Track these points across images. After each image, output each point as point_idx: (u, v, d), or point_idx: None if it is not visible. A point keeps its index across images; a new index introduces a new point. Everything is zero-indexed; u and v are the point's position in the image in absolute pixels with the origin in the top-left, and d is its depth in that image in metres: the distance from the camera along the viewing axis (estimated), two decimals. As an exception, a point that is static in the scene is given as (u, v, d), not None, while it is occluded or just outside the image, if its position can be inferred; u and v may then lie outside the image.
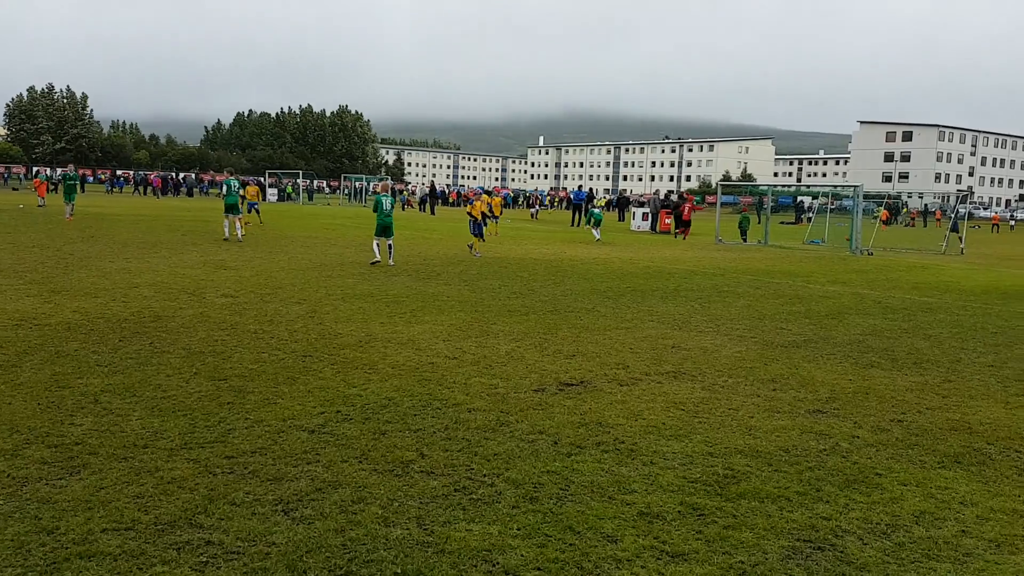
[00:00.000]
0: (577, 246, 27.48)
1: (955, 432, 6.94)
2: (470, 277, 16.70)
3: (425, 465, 5.60)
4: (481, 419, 6.70)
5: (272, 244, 23.05)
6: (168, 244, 21.61)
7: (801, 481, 5.61)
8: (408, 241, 26.43)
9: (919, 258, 29.16)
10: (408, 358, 8.87)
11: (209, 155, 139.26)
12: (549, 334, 10.66)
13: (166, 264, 16.86)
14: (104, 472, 5.24)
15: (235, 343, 9.33)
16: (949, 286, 19.06)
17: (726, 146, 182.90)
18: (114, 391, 7.11)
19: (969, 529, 4.93)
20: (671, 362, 9.24)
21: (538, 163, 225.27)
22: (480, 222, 22.86)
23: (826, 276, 20.47)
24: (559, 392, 7.70)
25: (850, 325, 12.48)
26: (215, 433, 6.11)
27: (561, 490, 5.25)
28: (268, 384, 7.57)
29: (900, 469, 5.96)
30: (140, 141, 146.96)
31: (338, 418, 6.59)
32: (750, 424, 6.92)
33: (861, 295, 16.52)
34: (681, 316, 12.66)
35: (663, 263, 22.18)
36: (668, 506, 5.06)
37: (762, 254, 28.10)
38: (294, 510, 4.78)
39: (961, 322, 13.23)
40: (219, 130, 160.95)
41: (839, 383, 8.57)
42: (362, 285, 14.71)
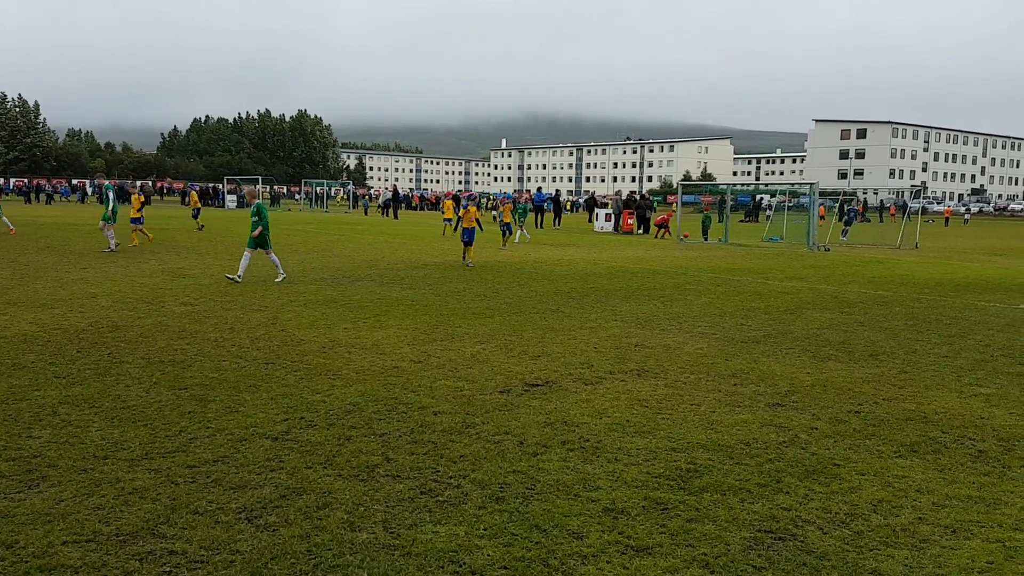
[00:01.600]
0: (541, 248, 27.56)
1: (911, 422, 7.10)
2: (434, 281, 16.68)
3: (391, 469, 5.59)
4: (447, 421, 6.71)
5: (231, 251, 22.79)
6: (126, 253, 21.27)
7: (762, 473, 5.71)
8: (371, 246, 26.32)
9: (875, 253, 29.71)
10: (373, 363, 8.84)
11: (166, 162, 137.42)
12: (514, 335, 10.70)
13: (124, 273, 16.60)
14: (63, 484, 5.16)
15: (195, 351, 9.23)
16: (904, 279, 19.46)
17: (686, 146, 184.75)
18: (72, 402, 7.00)
19: (925, 516, 5.05)
20: (635, 360, 9.33)
21: (501, 166, 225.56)
22: (472, 229, 20.22)
23: (784, 272, 20.78)
24: (524, 393, 7.73)
25: (808, 320, 12.69)
26: (176, 443, 6.05)
27: (527, 489, 5.28)
28: (230, 392, 7.50)
29: (858, 459, 6.08)
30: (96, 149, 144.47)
31: (302, 424, 6.56)
32: (712, 419, 7.02)
33: (818, 290, 16.80)
34: (644, 315, 12.78)
35: (626, 263, 22.35)
36: (632, 501, 5.12)
37: (723, 252, 28.43)
38: (258, 518, 4.75)
39: (916, 314, 13.52)
40: (176, 136, 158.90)
41: (798, 376, 8.72)
42: (325, 291, 14.63)
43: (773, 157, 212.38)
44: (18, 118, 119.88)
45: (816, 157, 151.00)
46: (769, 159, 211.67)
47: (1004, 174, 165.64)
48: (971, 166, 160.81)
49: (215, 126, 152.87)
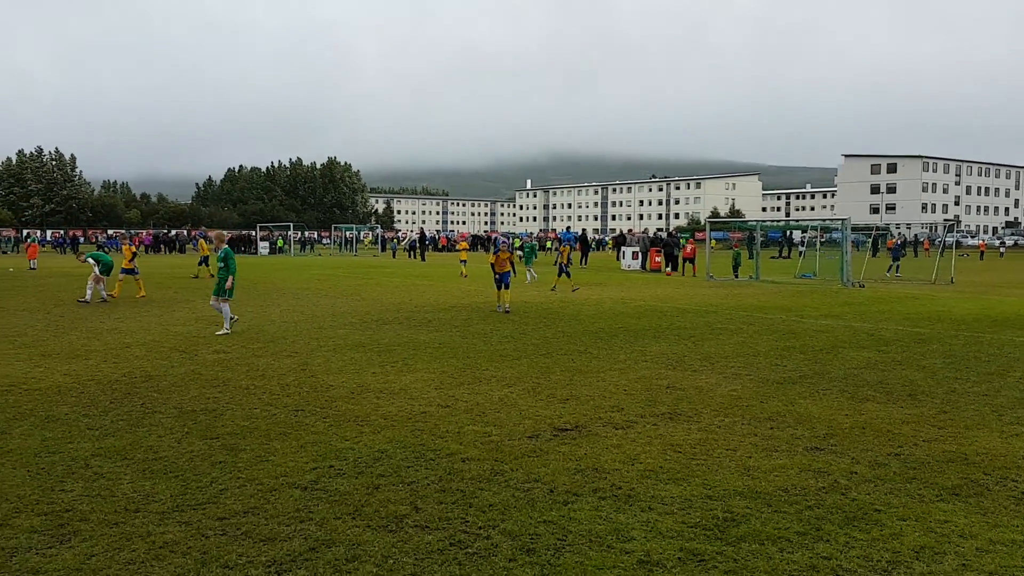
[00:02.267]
0: (569, 287, 27.50)
1: (952, 464, 6.91)
2: (460, 323, 16.68)
3: (419, 519, 5.53)
4: (475, 469, 6.64)
5: (264, 299, 23.02)
6: (159, 302, 21.56)
7: (801, 521, 5.56)
8: (399, 289, 26.45)
9: (910, 288, 29.29)
10: (401, 408, 8.82)
11: (201, 211, 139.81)
12: (542, 378, 10.63)
13: (157, 322, 16.80)
14: (95, 539, 5.16)
15: (227, 400, 9.27)
16: (940, 316, 19.12)
17: (713, 183, 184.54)
18: (105, 454, 7.04)
19: (970, 562, 4.88)
20: (666, 403, 9.21)
21: (527, 206, 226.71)
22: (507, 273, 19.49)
23: (819, 310, 20.52)
24: (554, 438, 7.65)
25: (844, 359, 12.48)
26: (207, 494, 6.04)
27: (558, 540, 5.19)
28: (260, 440, 7.51)
29: (899, 504, 5.91)
30: (131, 200, 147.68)
31: (331, 473, 6.53)
32: (748, 464, 6.87)
33: (854, 328, 16.55)
34: (675, 355, 12.65)
35: (654, 301, 22.21)
36: (668, 553, 5.00)
37: (754, 289, 28.18)
38: (287, 571, 4.71)
39: (954, 352, 13.25)
40: (210, 186, 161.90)
41: (836, 418, 8.54)
42: (354, 335, 14.68)
43: (803, 192, 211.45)
44: (55, 171, 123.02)
45: (847, 192, 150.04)
46: (799, 195, 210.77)
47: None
48: (1004, 199, 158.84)
49: (248, 175, 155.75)
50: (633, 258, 42.15)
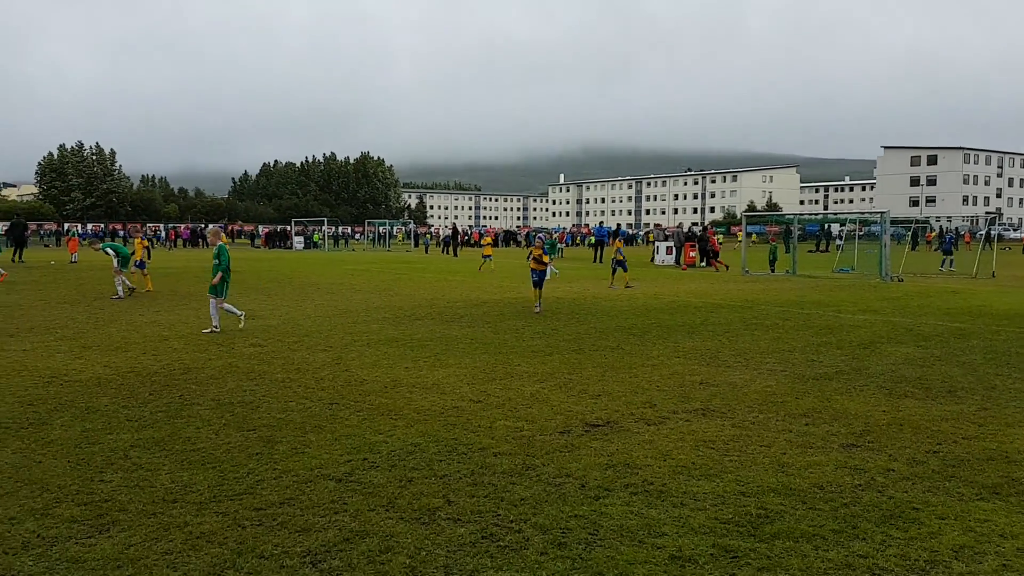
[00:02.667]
0: (601, 283, 27.43)
1: (992, 462, 6.78)
2: (493, 319, 16.71)
3: (452, 512, 5.56)
4: (507, 463, 6.66)
5: (299, 292, 23.26)
6: (197, 296, 21.86)
7: (836, 518, 5.50)
8: (431, 284, 26.56)
9: (950, 283, 28.77)
10: (433, 403, 8.86)
11: (237, 205, 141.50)
12: (574, 374, 10.61)
13: (195, 316, 17.05)
14: (133, 529, 5.26)
15: (263, 392, 9.38)
16: (981, 310, 18.76)
17: (750, 176, 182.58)
18: (144, 446, 7.16)
19: (1010, 563, 4.80)
20: (699, 399, 9.15)
21: (559, 200, 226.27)
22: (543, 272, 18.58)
23: (856, 305, 20.24)
24: (585, 433, 7.64)
25: (882, 355, 12.30)
26: (244, 485, 6.12)
27: (590, 535, 5.18)
28: (296, 433, 7.59)
29: (937, 502, 5.82)
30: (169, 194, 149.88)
31: (365, 466, 6.58)
32: (782, 461, 6.81)
33: (893, 323, 16.30)
34: (708, 351, 12.56)
35: (688, 297, 22.06)
36: (700, 549, 4.98)
37: (790, 284, 27.88)
38: (322, 561, 4.76)
39: (995, 347, 12.99)
40: (246, 181, 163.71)
41: (873, 415, 8.42)
42: (387, 330, 14.77)
43: (841, 185, 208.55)
44: (95, 165, 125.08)
45: (886, 184, 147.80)
46: (837, 187, 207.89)
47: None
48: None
49: (283, 170, 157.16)
50: (667, 253, 41.88)
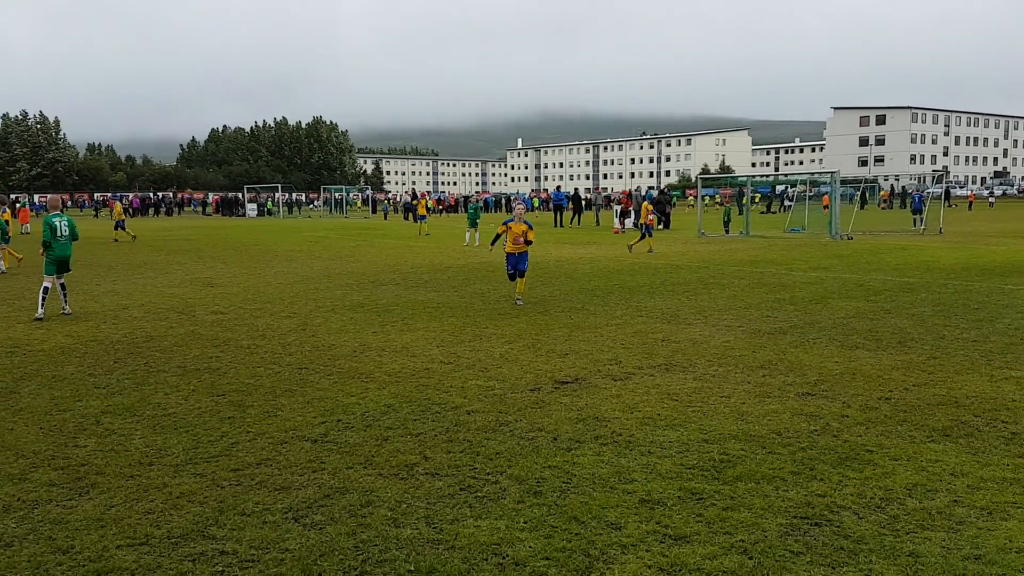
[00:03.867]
0: (562, 247, 27.63)
1: (942, 407, 7.12)
2: (458, 283, 16.81)
3: (429, 467, 5.71)
4: (480, 420, 6.82)
5: (256, 260, 23.07)
6: (153, 265, 21.60)
7: (795, 461, 5.76)
8: (393, 250, 26.51)
9: (898, 239, 29.52)
10: (403, 365, 8.97)
11: (186, 173, 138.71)
12: (541, 334, 10.79)
13: (153, 284, 16.87)
14: (113, 491, 5.32)
15: (229, 359, 9.40)
16: (929, 265, 19.35)
17: (703, 139, 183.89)
18: (114, 412, 7.18)
19: (961, 499, 5.09)
20: (662, 355, 9.39)
21: (518, 165, 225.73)
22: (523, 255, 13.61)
23: (808, 263, 20.72)
24: (555, 390, 7.83)
25: (834, 309, 12.68)
26: (219, 447, 6.20)
27: (564, 483, 5.37)
28: (267, 397, 7.66)
29: (891, 445, 6.12)
30: (116, 163, 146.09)
31: (339, 427, 6.69)
32: (742, 410, 7.07)
33: (843, 279, 16.76)
34: (669, 310, 12.83)
35: (648, 259, 22.37)
36: (668, 492, 5.20)
37: (745, 245, 28.36)
38: (304, 517, 4.88)
39: (942, 300, 13.47)
40: (194, 147, 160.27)
41: (826, 366, 8.74)
42: (351, 296, 14.79)
43: (792, 147, 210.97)
44: (39, 135, 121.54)
45: (835, 145, 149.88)
46: (788, 149, 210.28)
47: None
48: (993, 149, 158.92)
49: (232, 136, 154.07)
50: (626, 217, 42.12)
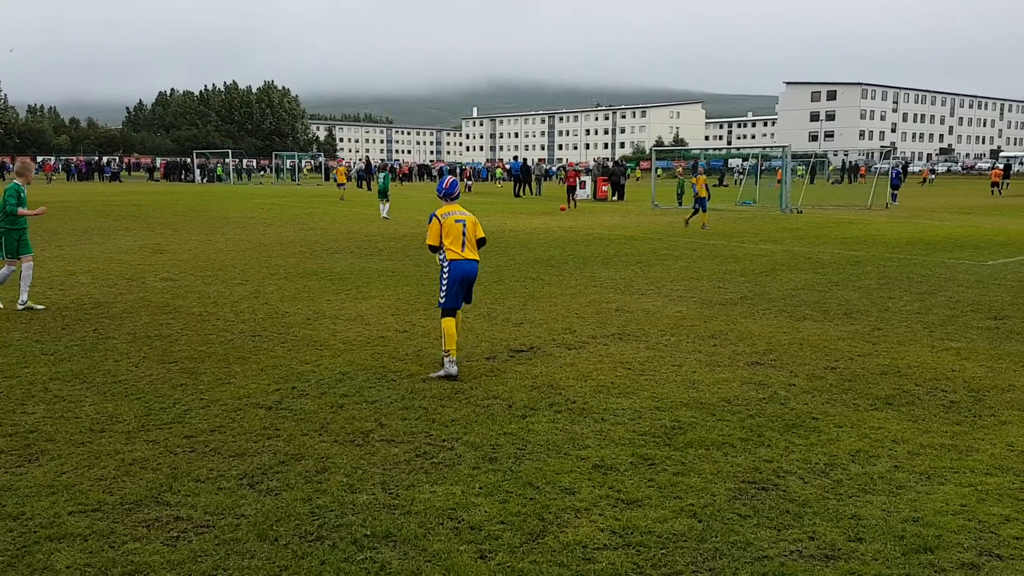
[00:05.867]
0: (518, 216, 27.65)
1: (885, 376, 7.35)
2: (412, 252, 16.75)
3: (385, 434, 5.74)
4: (436, 388, 6.85)
5: (207, 227, 22.68)
6: (100, 230, 21.10)
7: (743, 428, 5.92)
8: (347, 218, 26.27)
9: (846, 214, 30.11)
10: (358, 333, 8.95)
11: (132, 136, 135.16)
12: (496, 304, 10.84)
13: (100, 250, 16.50)
14: (63, 457, 5.25)
15: (180, 326, 9.28)
16: (875, 239, 19.81)
17: (658, 112, 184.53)
18: (63, 378, 7.06)
19: (901, 464, 5.28)
20: (616, 324, 9.51)
21: (473, 135, 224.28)
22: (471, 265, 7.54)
23: (758, 235, 21.06)
24: (510, 359, 7.89)
25: (783, 281, 12.94)
26: (171, 414, 6.14)
27: (518, 450, 5.45)
28: (219, 364, 7.59)
29: (835, 413, 6.31)
30: (60, 125, 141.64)
31: (294, 394, 6.67)
32: (693, 378, 7.22)
33: (792, 252, 17.08)
34: (623, 280, 12.96)
35: (602, 230, 22.52)
36: (621, 458, 5.31)
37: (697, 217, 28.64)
38: (259, 483, 4.88)
39: (888, 273, 13.83)
40: (141, 111, 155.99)
41: (775, 336, 8.94)
42: (305, 264, 14.66)
43: (745, 121, 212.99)
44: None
45: (787, 120, 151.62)
46: (741, 123, 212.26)
47: (971, 133, 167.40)
48: (939, 126, 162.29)
49: (181, 99, 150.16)
50: (581, 187, 42.28)
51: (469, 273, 7.33)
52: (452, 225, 7.29)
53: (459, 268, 7.24)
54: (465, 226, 7.30)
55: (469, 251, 7.33)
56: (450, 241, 7.27)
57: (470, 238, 7.34)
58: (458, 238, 7.26)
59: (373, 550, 4.05)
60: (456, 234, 7.27)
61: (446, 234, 7.27)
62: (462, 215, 7.36)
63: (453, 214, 7.35)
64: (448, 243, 7.27)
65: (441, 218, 7.30)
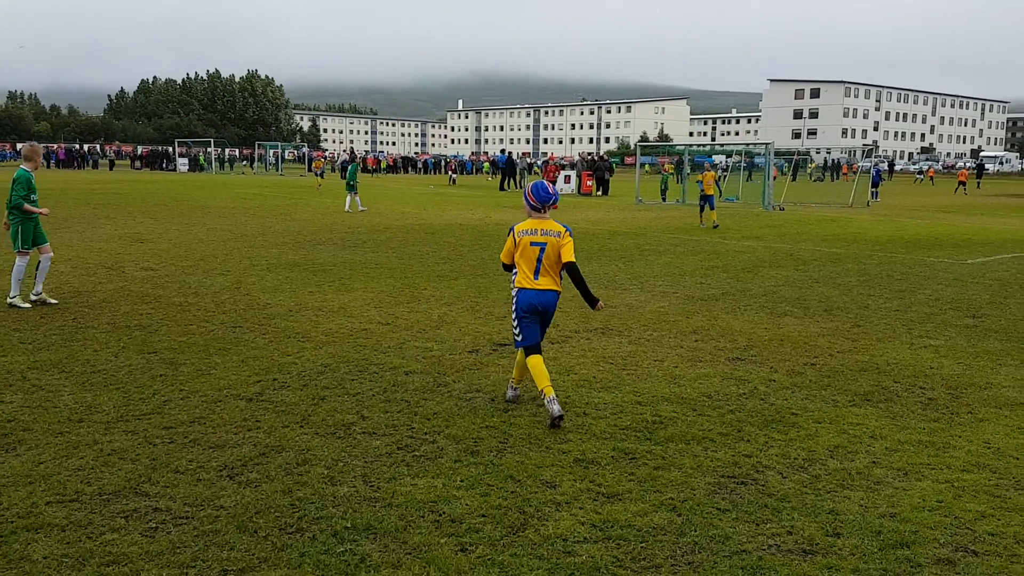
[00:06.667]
0: (502, 210, 27.63)
1: (864, 373, 7.41)
2: (396, 244, 16.70)
3: (367, 426, 5.73)
4: (419, 381, 6.85)
5: (188, 216, 22.52)
6: (80, 218, 20.90)
7: (723, 423, 5.95)
8: (330, 210, 26.15)
9: (828, 211, 30.29)
10: (341, 325, 8.92)
11: (114, 124, 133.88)
12: (480, 297, 10.83)
13: (80, 239, 16.34)
14: (41, 447, 5.21)
15: (160, 316, 9.21)
16: (856, 237, 19.95)
17: (643, 107, 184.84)
18: (41, 368, 6.99)
19: (879, 460, 5.33)
20: (599, 319, 9.52)
21: (458, 127, 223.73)
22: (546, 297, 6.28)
23: (741, 232, 21.15)
24: (493, 352, 7.89)
25: (765, 277, 13.02)
26: (150, 405, 6.10)
27: (500, 443, 5.45)
28: (200, 355, 7.54)
29: (814, 408, 6.36)
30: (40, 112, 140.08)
31: (275, 386, 6.64)
32: (674, 373, 7.25)
33: (774, 249, 17.18)
34: (606, 275, 12.99)
35: (586, 225, 22.54)
36: (602, 452, 5.33)
37: (680, 213, 28.76)
38: (239, 475, 4.86)
39: (868, 271, 13.93)
40: (123, 98, 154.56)
41: (756, 332, 9.00)
42: (287, 255, 14.58)
43: (729, 117, 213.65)
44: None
45: (771, 117, 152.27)
46: (725, 119, 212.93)
47: (953, 133, 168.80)
48: (921, 125, 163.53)
49: (163, 87, 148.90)
50: (565, 182, 42.32)
51: (538, 306, 6.09)
52: (527, 248, 6.06)
53: (525, 298, 6.09)
54: (544, 251, 6.04)
55: (545, 279, 6.08)
56: (523, 264, 6.11)
57: (549, 264, 6.07)
58: (531, 263, 6.07)
59: (353, 542, 4.05)
60: (531, 258, 6.07)
61: (520, 255, 6.12)
62: (544, 236, 6.05)
63: (533, 234, 6.06)
64: (520, 265, 6.12)
65: (517, 236, 6.11)
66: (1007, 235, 21.47)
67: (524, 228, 6.11)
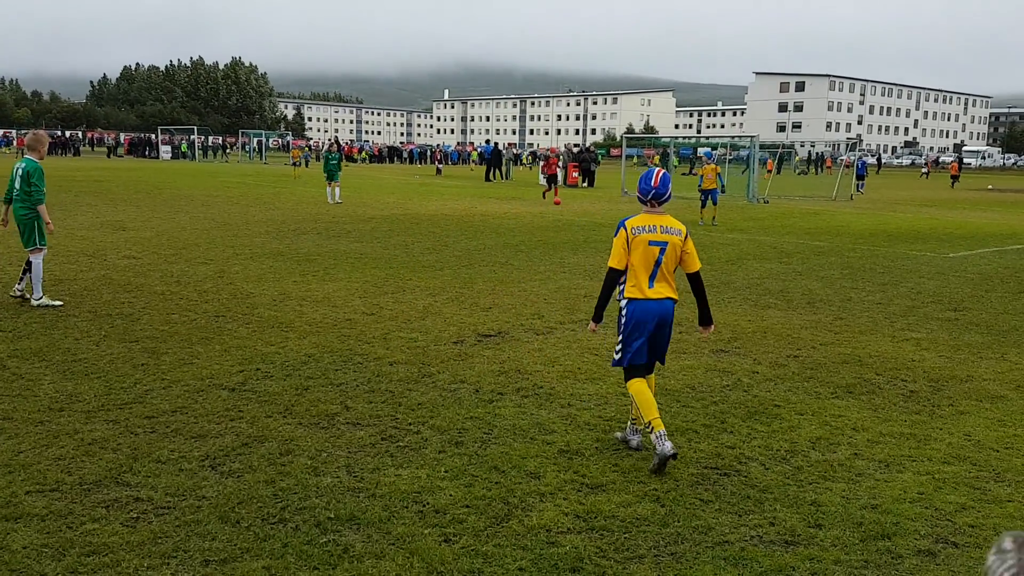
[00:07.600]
0: (488, 201, 27.59)
1: (847, 365, 7.46)
2: (381, 234, 16.64)
3: (350, 417, 5.71)
4: (403, 371, 6.83)
5: (170, 204, 22.34)
6: (60, 205, 20.65)
7: (707, 415, 5.97)
8: (314, 200, 26.01)
9: (812, 205, 30.43)
10: (325, 315, 8.88)
11: (96, 111, 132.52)
12: (465, 288, 10.81)
13: (61, 226, 16.12)
14: (21, 436, 5.16)
15: (142, 305, 9.14)
16: (839, 230, 20.05)
17: (629, 99, 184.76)
18: (22, 356, 6.92)
19: (861, 452, 5.37)
20: (584, 310, 9.53)
21: (444, 117, 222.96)
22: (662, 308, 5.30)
23: (725, 224, 21.20)
24: (478, 343, 7.88)
25: (748, 270, 13.06)
26: (132, 394, 6.06)
27: (485, 434, 5.45)
28: (182, 345, 7.49)
29: (797, 400, 6.39)
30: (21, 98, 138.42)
31: (258, 376, 6.61)
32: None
33: (758, 241, 17.24)
34: (591, 266, 12.99)
35: (572, 216, 22.54)
36: (586, 443, 5.33)
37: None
38: (221, 465, 4.83)
39: (851, 264, 14.01)
40: (105, 85, 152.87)
41: (739, 324, 9.03)
42: (271, 244, 14.50)
43: (714, 110, 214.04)
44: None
45: (756, 110, 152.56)
46: (710, 112, 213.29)
47: (936, 127, 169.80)
48: (905, 119, 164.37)
49: (146, 74, 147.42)
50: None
51: (654, 318, 5.08)
52: (644, 248, 5.07)
53: (639, 310, 5.08)
54: (664, 251, 5.09)
55: (661, 287, 5.11)
56: (637, 269, 5.09)
57: (667, 269, 5.12)
58: (648, 266, 5.07)
59: (336, 533, 4.04)
60: (648, 261, 5.06)
61: (634, 257, 5.09)
62: (665, 235, 5.12)
63: (651, 231, 5.12)
64: (633, 270, 5.10)
65: (631, 232, 5.11)
66: (989, 229, 21.65)
67: (638, 224, 5.13)
